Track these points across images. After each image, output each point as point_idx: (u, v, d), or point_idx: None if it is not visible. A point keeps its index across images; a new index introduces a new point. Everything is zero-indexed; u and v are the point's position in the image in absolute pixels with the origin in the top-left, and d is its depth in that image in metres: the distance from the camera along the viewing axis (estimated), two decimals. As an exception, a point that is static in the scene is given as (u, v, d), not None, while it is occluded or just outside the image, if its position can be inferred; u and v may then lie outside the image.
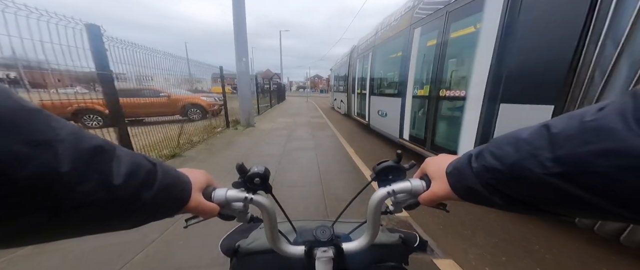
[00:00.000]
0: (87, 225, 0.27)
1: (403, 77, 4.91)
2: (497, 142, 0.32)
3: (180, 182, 0.39)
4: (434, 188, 0.42)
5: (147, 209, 0.32)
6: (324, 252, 0.52)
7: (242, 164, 0.45)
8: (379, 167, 0.48)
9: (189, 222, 0.46)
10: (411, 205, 0.48)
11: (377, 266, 0.63)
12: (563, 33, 1.90)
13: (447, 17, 3.52)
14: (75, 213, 0.24)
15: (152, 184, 0.32)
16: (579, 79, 1.77)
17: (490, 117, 2.59)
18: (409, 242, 0.67)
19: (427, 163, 0.46)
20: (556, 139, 0.25)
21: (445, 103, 3.67)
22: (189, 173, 0.43)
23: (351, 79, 9.75)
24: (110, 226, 0.30)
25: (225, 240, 0.67)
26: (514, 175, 0.29)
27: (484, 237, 2.13)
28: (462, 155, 0.39)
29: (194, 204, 0.41)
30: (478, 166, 0.33)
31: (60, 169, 0.21)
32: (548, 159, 0.25)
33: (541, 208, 0.29)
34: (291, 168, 3.93)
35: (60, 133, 0.23)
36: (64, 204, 0.22)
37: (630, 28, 1.47)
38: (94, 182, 0.25)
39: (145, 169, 0.32)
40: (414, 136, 4.56)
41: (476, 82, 2.84)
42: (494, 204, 0.33)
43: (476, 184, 0.34)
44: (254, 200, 0.46)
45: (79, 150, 0.24)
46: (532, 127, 0.29)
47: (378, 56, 6.62)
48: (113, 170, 0.27)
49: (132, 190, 0.29)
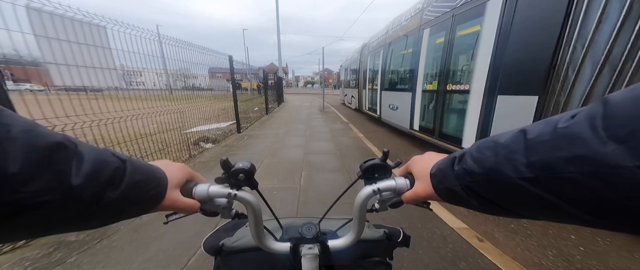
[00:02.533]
0: (44, 227, 0.26)
1: (413, 73, 5.36)
2: (479, 146, 0.33)
3: (154, 178, 0.38)
4: (417, 188, 0.43)
5: (114, 208, 0.31)
6: (310, 249, 0.53)
7: (227, 159, 0.44)
8: (365, 165, 0.48)
9: (169, 218, 0.46)
10: (396, 204, 0.50)
11: (363, 262, 0.64)
12: (545, 36, 2.37)
13: (453, 19, 3.96)
14: (28, 214, 0.23)
15: (119, 182, 0.31)
16: (557, 74, 2.24)
17: (490, 108, 3.06)
18: (393, 237, 0.67)
19: (413, 162, 0.47)
20: (531, 144, 0.26)
21: (451, 96, 4.13)
22: (166, 167, 0.42)
23: (362, 75, 10.24)
24: (72, 227, 0.29)
25: (208, 239, 0.66)
26: (491, 179, 0.29)
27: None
28: (446, 157, 0.40)
29: (170, 202, 0.40)
30: (459, 169, 0.34)
31: (7, 169, 0.20)
32: (522, 163, 0.26)
33: (514, 211, 0.30)
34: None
35: (12, 130, 0.22)
36: (12, 206, 0.21)
37: (592, 35, 1.94)
38: (47, 181, 0.23)
39: (111, 166, 0.30)
40: (424, 127, 5.03)
41: (478, 77, 3.30)
42: (470, 205, 0.34)
43: (456, 186, 0.35)
44: (238, 196, 0.46)
45: (32, 148, 0.23)
46: (511, 131, 0.30)
47: (389, 54, 7.08)
48: (72, 170, 0.26)
49: (95, 189, 0.28)
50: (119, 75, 3.09)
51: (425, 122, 5.01)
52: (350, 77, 13.00)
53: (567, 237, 2.03)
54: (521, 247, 1.93)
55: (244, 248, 0.61)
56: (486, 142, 0.32)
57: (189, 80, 5.26)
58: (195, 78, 5.38)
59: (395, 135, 6.62)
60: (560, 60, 2.21)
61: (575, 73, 2.06)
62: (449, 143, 4.09)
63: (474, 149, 0.34)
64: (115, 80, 2.98)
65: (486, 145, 0.32)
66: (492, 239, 1.98)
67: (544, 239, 2.01)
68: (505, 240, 2.01)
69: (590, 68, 1.96)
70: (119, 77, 3.12)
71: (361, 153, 4.61)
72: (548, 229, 2.12)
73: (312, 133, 6.33)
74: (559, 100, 2.23)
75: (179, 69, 4.36)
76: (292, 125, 7.33)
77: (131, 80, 3.87)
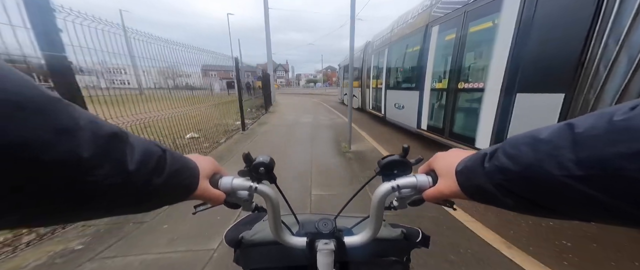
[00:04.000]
0: (107, 207, 0.29)
1: (420, 71, 5.25)
2: (512, 142, 0.31)
3: (188, 168, 0.40)
4: (440, 185, 0.42)
5: (159, 194, 0.33)
6: (325, 244, 0.53)
7: (248, 153, 0.45)
8: (384, 161, 0.47)
9: (198, 208, 0.48)
10: (416, 202, 0.48)
11: (378, 260, 0.63)
12: (573, 30, 2.25)
13: (465, 15, 3.85)
14: (97, 196, 0.26)
15: (162, 170, 0.33)
16: (586, 71, 2.13)
17: (508, 106, 2.95)
18: (411, 238, 0.67)
19: (436, 159, 0.46)
20: (580, 139, 0.24)
21: (463, 95, 4.03)
22: (197, 159, 0.44)
23: (365, 74, 10.12)
24: (128, 210, 0.32)
25: (229, 232, 0.69)
26: (530, 177, 0.28)
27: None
28: (474, 154, 0.38)
29: (201, 191, 0.42)
30: (490, 166, 0.33)
31: (81, 155, 0.23)
32: (570, 160, 0.24)
33: (557, 210, 0.28)
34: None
35: (80, 121, 0.24)
36: (87, 187, 0.24)
37: (628, 29, 1.83)
38: (110, 167, 0.26)
39: (156, 155, 0.33)
40: (432, 126, 4.93)
41: (494, 75, 3.20)
42: (504, 204, 0.33)
43: (487, 184, 0.33)
44: (258, 189, 0.47)
45: (97, 137, 0.25)
46: (552, 126, 0.28)
47: (394, 52, 6.97)
48: (127, 157, 0.28)
49: (145, 176, 0.30)
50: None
51: (434, 121, 4.91)
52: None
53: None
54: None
55: (262, 241, 0.63)
56: (521, 138, 0.30)
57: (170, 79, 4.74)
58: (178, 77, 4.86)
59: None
60: (590, 56, 2.10)
61: (607, 70, 1.95)
62: (460, 142, 3.98)
63: (507, 145, 0.32)
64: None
65: (522, 140, 0.30)
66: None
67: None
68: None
69: (626, 64, 1.85)
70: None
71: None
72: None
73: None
74: (588, 98, 2.12)
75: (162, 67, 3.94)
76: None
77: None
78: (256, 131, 6.57)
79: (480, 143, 3.53)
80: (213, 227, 2.14)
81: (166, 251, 1.89)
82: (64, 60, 2.03)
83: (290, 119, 8.60)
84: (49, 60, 1.94)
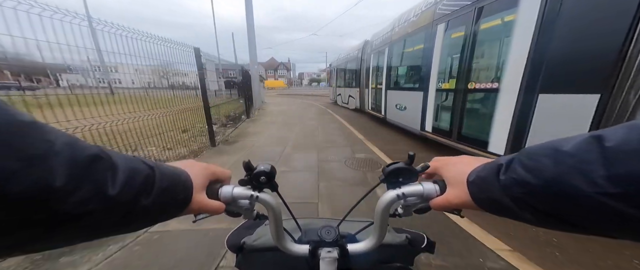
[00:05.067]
0: (86, 234, 0.27)
1: (424, 71, 5.04)
2: (531, 153, 0.30)
3: (179, 183, 0.37)
4: (449, 195, 0.40)
5: (148, 214, 0.32)
6: (329, 253, 0.52)
7: (249, 161, 0.45)
8: (388, 169, 0.45)
9: (198, 217, 0.46)
10: (422, 210, 0.47)
11: (382, 266, 0.62)
12: (613, 24, 2.03)
13: (476, 12, 3.64)
14: (72, 223, 0.24)
15: (150, 189, 0.32)
16: (627, 69, 1.91)
17: (527, 108, 2.73)
18: (416, 243, 0.65)
19: (443, 166, 0.44)
20: (611, 154, 0.22)
21: (474, 95, 3.81)
22: (191, 169, 0.41)
23: (364, 74, 9.88)
24: (111, 232, 0.30)
25: (231, 237, 0.68)
26: (553, 192, 0.26)
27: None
28: (487, 163, 0.36)
29: (197, 205, 0.40)
30: (507, 178, 0.31)
31: (54, 183, 0.21)
32: (601, 176, 0.22)
33: (584, 226, 0.26)
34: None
35: (55, 145, 0.23)
36: (59, 216, 0.23)
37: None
38: (88, 192, 0.24)
39: (142, 174, 0.31)
40: (438, 128, 4.71)
41: (511, 74, 2.98)
42: (522, 218, 0.31)
43: (503, 198, 0.31)
44: (259, 198, 0.46)
45: (74, 161, 0.24)
46: (575, 137, 0.26)
47: (395, 51, 6.75)
48: (108, 180, 0.27)
49: (130, 197, 0.29)
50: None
51: (440, 123, 4.69)
52: (349, 76, 12.53)
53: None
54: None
55: (264, 247, 0.62)
56: (541, 149, 0.29)
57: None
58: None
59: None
60: (632, 53, 1.89)
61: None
62: (469, 145, 3.77)
63: (524, 156, 0.30)
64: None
65: (542, 152, 0.28)
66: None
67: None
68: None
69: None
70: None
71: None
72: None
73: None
74: (628, 99, 1.91)
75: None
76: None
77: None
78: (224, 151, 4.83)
79: (493, 146, 3.32)
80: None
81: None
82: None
83: (277, 135, 6.18)
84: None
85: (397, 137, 6.32)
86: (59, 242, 0.26)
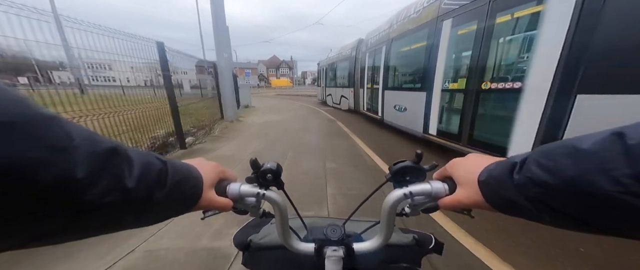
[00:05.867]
0: (106, 225, 0.28)
1: (428, 70, 4.75)
2: (547, 152, 0.28)
3: (191, 178, 0.38)
4: (459, 195, 0.40)
5: (161, 207, 0.32)
6: (334, 251, 0.52)
7: (256, 159, 0.45)
8: (395, 167, 0.45)
9: (206, 214, 0.47)
10: (430, 209, 0.46)
11: (389, 267, 0.63)
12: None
13: (490, 5, 3.35)
14: (94, 214, 0.25)
15: (164, 183, 0.32)
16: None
17: (562, 111, 2.43)
18: (424, 244, 0.66)
19: (454, 165, 0.43)
20: (635, 151, 0.21)
21: (490, 96, 3.52)
22: (201, 167, 0.42)
23: (359, 74, 9.54)
24: (126, 225, 0.30)
25: (237, 234, 0.69)
26: (574, 192, 0.25)
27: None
28: (500, 162, 0.36)
29: (206, 201, 0.41)
30: (521, 178, 0.30)
31: (76, 174, 0.22)
32: (626, 175, 0.21)
33: (604, 227, 0.25)
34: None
35: (76, 139, 0.23)
36: (83, 206, 0.23)
37: None
38: (108, 184, 0.25)
39: (156, 168, 0.32)
40: (444, 131, 4.42)
41: (539, 72, 2.68)
42: (539, 219, 0.30)
43: (518, 198, 0.30)
44: (266, 196, 0.46)
45: (93, 154, 0.24)
46: (594, 135, 0.25)
47: (394, 50, 6.44)
48: (125, 173, 0.27)
49: (145, 190, 0.29)
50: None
51: (447, 126, 4.40)
52: (341, 76, 12.13)
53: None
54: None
55: (270, 245, 0.63)
56: (558, 148, 0.28)
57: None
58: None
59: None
60: None
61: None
62: (484, 150, 3.47)
63: (539, 155, 0.29)
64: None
65: (560, 151, 0.27)
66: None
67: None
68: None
69: None
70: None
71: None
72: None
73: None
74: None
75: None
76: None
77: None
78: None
79: (514, 152, 3.02)
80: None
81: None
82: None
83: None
84: None
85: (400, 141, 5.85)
86: (83, 233, 0.26)
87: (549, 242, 1.96)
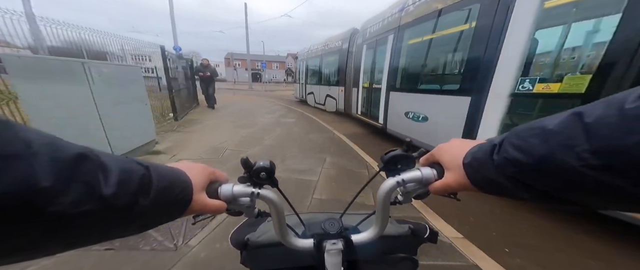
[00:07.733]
0: (88, 236, 0.26)
1: (472, 66, 3.27)
2: (519, 133, 0.31)
3: (179, 182, 0.36)
4: (448, 178, 0.41)
5: (148, 215, 0.31)
6: (333, 245, 0.52)
7: (247, 158, 0.43)
8: (386, 156, 0.46)
9: (197, 218, 0.45)
10: (421, 195, 0.47)
11: (387, 257, 0.64)
12: None
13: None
14: (70, 224, 0.23)
15: (148, 189, 0.30)
16: None
17: None
18: (419, 233, 0.67)
19: (440, 151, 0.44)
20: (592, 129, 0.23)
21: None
22: (188, 170, 0.40)
23: (352, 70, 7.87)
24: (113, 235, 0.29)
25: (234, 234, 0.68)
26: (544, 168, 0.27)
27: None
28: (481, 144, 0.37)
29: (198, 206, 0.39)
30: (500, 158, 0.32)
31: (39, 182, 0.20)
32: (585, 150, 0.23)
33: (573, 201, 0.27)
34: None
35: (34, 146, 0.21)
36: (53, 218, 0.22)
37: None
38: (79, 193, 0.23)
39: (138, 174, 0.30)
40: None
41: None
42: (519, 196, 0.31)
43: (498, 177, 0.32)
44: (260, 195, 0.45)
45: (57, 161, 0.22)
46: (558, 116, 0.27)
47: (407, 39, 4.88)
48: (100, 179, 0.25)
49: (127, 198, 0.28)
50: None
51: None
52: (327, 72, 10.21)
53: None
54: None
55: (268, 243, 0.62)
56: (528, 129, 0.30)
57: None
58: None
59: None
60: None
61: None
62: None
63: (513, 136, 0.31)
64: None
65: (529, 132, 0.29)
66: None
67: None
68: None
69: None
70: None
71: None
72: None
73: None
74: None
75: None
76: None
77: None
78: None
79: None
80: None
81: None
82: None
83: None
84: None
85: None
86: (62, 246, 0.25)
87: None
